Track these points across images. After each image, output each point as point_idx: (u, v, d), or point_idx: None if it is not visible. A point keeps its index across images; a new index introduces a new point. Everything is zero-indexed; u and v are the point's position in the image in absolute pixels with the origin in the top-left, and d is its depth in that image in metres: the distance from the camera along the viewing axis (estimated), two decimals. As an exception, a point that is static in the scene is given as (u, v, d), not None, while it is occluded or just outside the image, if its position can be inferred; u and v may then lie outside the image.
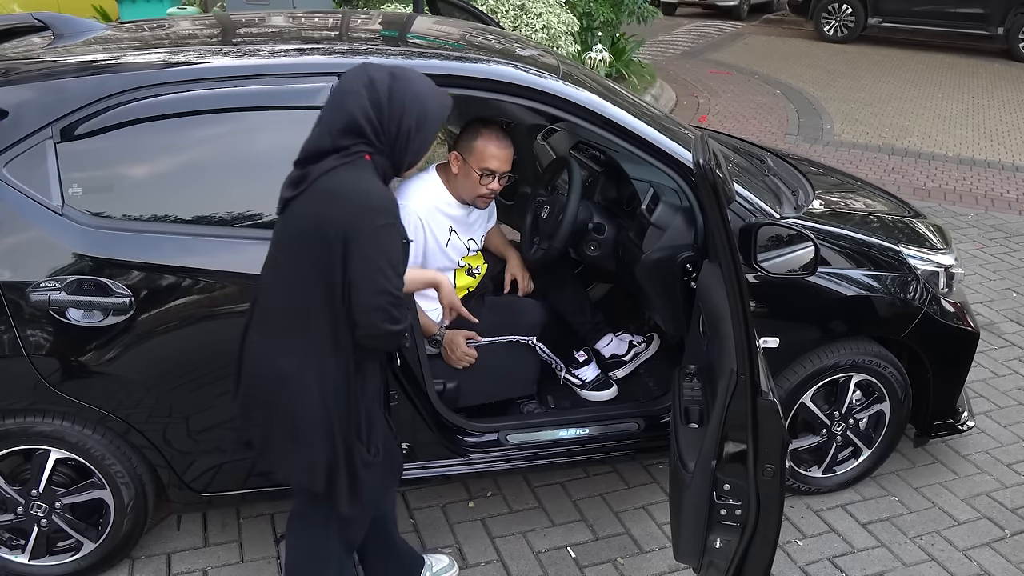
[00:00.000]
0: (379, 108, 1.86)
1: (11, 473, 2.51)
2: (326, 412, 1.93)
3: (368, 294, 1.84)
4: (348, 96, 1.88)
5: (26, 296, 2.24)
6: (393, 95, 1.87)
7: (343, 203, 1.85)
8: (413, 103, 1.89)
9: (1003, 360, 4.20)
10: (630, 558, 2.87)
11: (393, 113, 1.87)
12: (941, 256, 3.14)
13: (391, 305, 1.86)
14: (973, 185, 6.95)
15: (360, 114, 1.86)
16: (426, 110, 1.91)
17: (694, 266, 2.71)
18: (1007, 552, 2.95)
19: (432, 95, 1.94)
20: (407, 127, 1.89)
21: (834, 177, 3.82)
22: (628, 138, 2.66)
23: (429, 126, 1.93)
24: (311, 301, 1.89)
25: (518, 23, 6.76)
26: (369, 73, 1.90)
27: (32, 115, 2.26)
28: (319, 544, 2.18)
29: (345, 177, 1.86)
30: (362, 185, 1.87)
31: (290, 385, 1.93)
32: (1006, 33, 12.53)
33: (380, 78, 1.88)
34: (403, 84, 1.89)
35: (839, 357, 2.93)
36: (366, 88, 1.87)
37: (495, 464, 2.84)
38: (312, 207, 1.87)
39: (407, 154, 1.94)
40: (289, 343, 1.93)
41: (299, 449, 1.97)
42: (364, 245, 1.83)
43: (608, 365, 3.27)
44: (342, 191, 1.86)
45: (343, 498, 2.01)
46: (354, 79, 1.90)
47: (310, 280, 1.88)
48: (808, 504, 3.15)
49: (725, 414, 2.05)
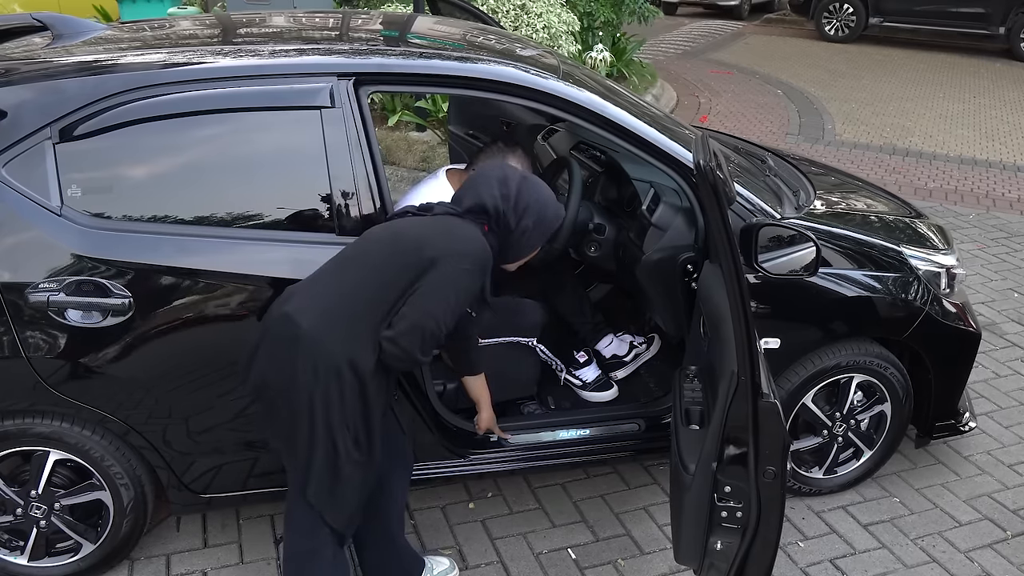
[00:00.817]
0: (507, 200, 2.19)
1: (10, 474, 2.51)
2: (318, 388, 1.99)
3: (421, 312, 2.02)
4: (482, 185, 2.22)
5: (25, 297, 2.24)
6: (521, 194, 2.21)
7: (451, 236, 2.12)
8: (536, 206, 2.22)
9: (1005, 361, 4.19)
10: (631, 559, 2.86)
11: (517, 209, 2.20)
12: (942, 256, 3.13)
13: (431, 334, 2.04)
14: (974, 185, 6.94)
15: (489, 202, 2.18)
16: (544, 216, 2.24)
17: (695, 267, 2.70)
18: (1009, 553, 2.94)
19: (551, 205, 2.28)
20: (525, 225, 2.21)
21: (835, 177, 3.82)
22: (629, 138, 2.66)
23: (542, 230, 2.26)
24: (366, 291, 2.04)
25: (519, 23, 6.76)
26: (505, 172, 2.24)
27: (31, 115, 2.25)
28: (310, 535, 2.20)
29: (463, 224, 2.17)
30: (472, 234, 2.15)
31: (300, 347, 2.00)
32: (1007, 33, 12.52)
33: (513, 177, 2.23)
34: (532, 187, 2.24)
35: (840, 358, 2.92)
36: (499, 183, 2.21)
37: (495, 465, 2.83)
38: (424, 228, 2.15)
39: (516, 247, 2.25)
40: (322, 314, 2.02)
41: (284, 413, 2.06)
42: (443, 273, 2.04)
43: (609, 366, 3.27)
44: (456, 231, 2.14)
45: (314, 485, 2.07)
46: (491, 173, 2.25)
47: (378, 273, 2.05)
48: (809, 505, 3.14)
49: (726, 416, 2.04)
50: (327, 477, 2.07)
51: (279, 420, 2.09)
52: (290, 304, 2.06)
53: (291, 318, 2.02)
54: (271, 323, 2.09)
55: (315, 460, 2.05)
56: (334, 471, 2.06)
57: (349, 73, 2.43)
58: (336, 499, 2.11)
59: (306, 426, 2.03)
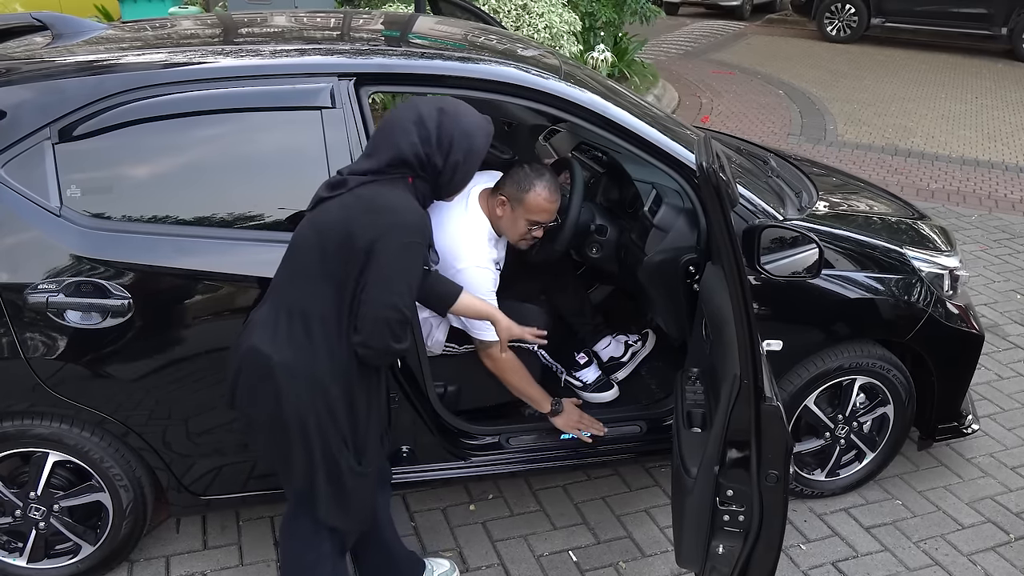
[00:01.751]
0: (427, 144, 1.98)
1: (9, 476, 2.50)
2: (308, 415, 1.95)
3: (379, 306, 1.90)
4: (398, 132, 1.98)
5: (24, 298, 2.23)
6: (441, 131, 1.99)
7: (377, 213, 1.92)
8: (461, 139, 2.00)
9: (1008, 363, 4.18)
10: (632, 562, 2.85)
11: (441, 148, 1.99)
12: (945, 258, 3.12)
13: (398, 322, 1.91)
14: (977, 186, 6.93)
15: (409, 150, 1.97)
16: (472, 145, 2.03)
17: (697, 268, 2.69)
18: (1012, 556, 2.93)
19: (477, 127, 2.05)
20: (454, 161, 2.01)
21: (837, 178, 3.81)
22: (630, 139, 2.65)
23: (474, 158, 2.05)
24: (320, 302, 1.93)
25: (520, 23, 6.75)
26: (419, 110, 2.00)
27: (30, 115, 2.24)
28: (311, 546, 2.18)
29: (384, 190, 1.95)
30: (399, 201, 1.95)
31: (280, 376, 1.94)
32: (1009, 33, 12.49)
33: (428, 114, 1.99)
34: (451, 120, 2.00)
35: (843, 360, 2.91)
36: (415, 125, 1.98)
37: (496, 467, 2.82)
38: (346, 211, 1.94)
39: (452, 184, 2.06)
40: (285, 332, 1.95)
41: (279, 442, 2.01)
42: (387, 258, 1.89)
43: (608, 368, 3.26)
44: (378, 202, 1.93)
45: (323, 506, 2.04)
46: (404, 115, 2.00)
47: (324, 281, 1.92)
48: (811, 508, 3.13)
49: (728, 419, 2.03)
50: (335, 495, 2.04)
51: (274, 448, 2.04)
52: (255, 335, 1.99)
53: (259, 351, 1.96)
54: (242, 359, 2.01)
55: (318, 483, 2.02)
56: (339, 489, 2.03)
57: (350, 73, 2.42)
58: (348, 511, 2.09)
59: (302, 452, 1.99)
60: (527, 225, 2.68)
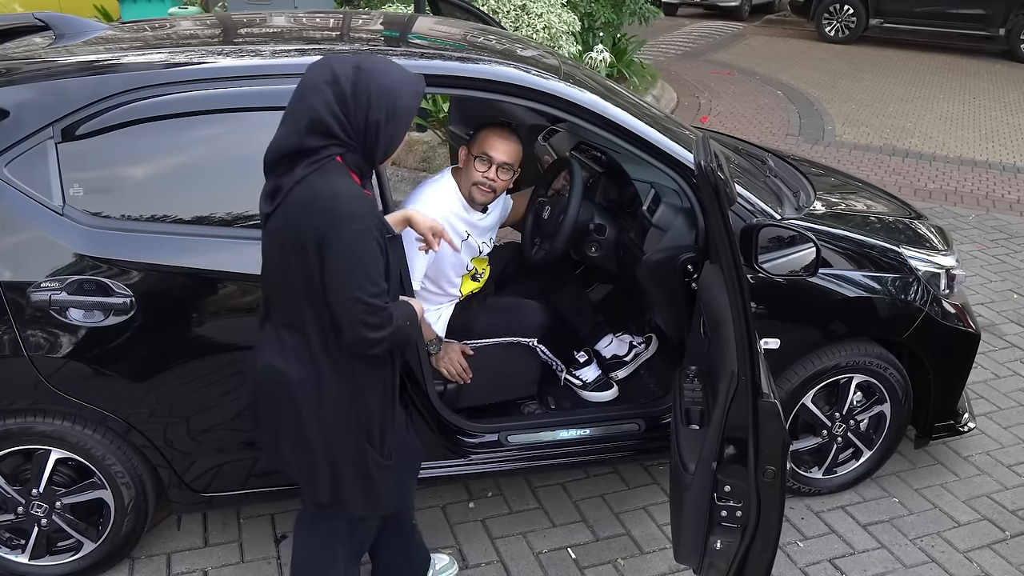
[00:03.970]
0: (344, 104, 1.80)
1: (12, 473, 2.51)
2: (328, 419, 1.95)
3: (342, 302, 1.82)
4: (311, 93, 1.81)
5: (27, 296, 2.25)
6: (358, 89, 1.80)
7: (316, 211, 1.80)
8: (380, 96, 1.81)
9: (1004, 361, 4.20)
10: (630, 559, 2.87)
11: (359, 108, 1.80)
12: (942, 257, 3.14)
13: (366, 313, 1.82)
14: (974, 186, 6.95)
15: (325, 111, 1.79)
16: (395, 101, 1.83)
17: (695, 267, 2.71)
18: (1008, 554, 2.94)
19: (400, 84, 1.85)
20: (375, 120, 1.82)
21: (835, 178, 3.82)
22: (629, 139, 2.66)
23: (400, 116, 1.85)
24: (302, 308, 1.89)
25: (519, 23, 6.76)
26: (332, 67, 1.82)
27: (33, 115, 2.26)
28: (327, 549, 2.19)
29: (317, 184, 1.81)
30: (333, 190, 1.81)
31: (293, 390, 1.93)
32: (1007, 34, 12.53)
33: (344, 72, 1.81)
34: (368, 76, 1.81)
35: (840, 358, 2.93)
36: (329, 84, 1.80)
37: (496, 465, 2.84)
38: (289, 219, 1.84)
39: (379, 147, 1.86)
40: (291, 348, 1.94)
41: (303, 456, 1.99)
42: (336, 252, 1.80)
43: (609, 366, 3.27)
44: (314, 199, 1.81)
45: (356, 502, 2.04)
46: (317, 74, 1.82)
47: (297, 288, 1.88)
48: (808, 505, 3.14)
49: (726, 415, 2.05)
50: (363, 489, 2.04)
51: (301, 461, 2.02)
52: (268, 354, 1.97)
53: (275, 368, 1.94)
54: (259, 379, 2.00)
55: (345, 484, 2.01)
56: (368, 483, 2.03)
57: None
58: (377, 501, 2.09)
59: (326, 464, 1.98)
60: (481, 164, 2.78)
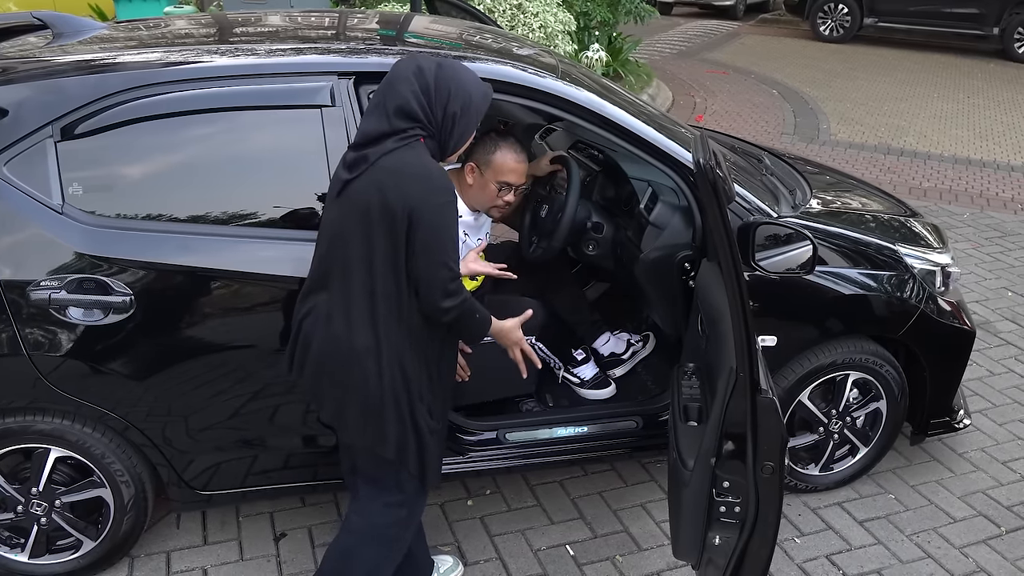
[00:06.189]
0: (427, 93, 2.01)
1: (11, 471, 2.51)
2: (395, 384, 2.06)
3: (430, 267, 2.00)
4: (399, 82, 2.02)
5: (26, 295, 2.25)
6: (439, 82, 2.02)
7: (408, 180, 1.97)
8: (458, 90, 2.04)
9: (999, 358, 4.22)
10: (628, 556, 2.88)
11: (440, 98, 2.02)
12: (937, 255, 3.16)
13: (449, 279, 2.01)
14: (969, 184, 6.98)
15: (412, 97, 1.99)
16: (470, 97, 2.06)
17: (692, 265, 2.72)
18: (1003, 549, 2.96)
19: (475, 84, 2.09)
20: (452, 112, 2.03)
21: (831, 176, 3.84)
22: (627, 137, 2.67)
23: (472, 112, 2.07)
24: (380, 278, 2.00)
25: (515, 22, 6.77)
26: (418, 62, 2.04)
27: (32, 114, 2.26)
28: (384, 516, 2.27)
29: (406, 157, 1.99)
30: (423, 164, 2.00)
31: (365, 360, 2.04)
32: (1001, 33, 12.57)
33: (428, 66, 2.03)
34: (449, 72, 2.04)
35: (836, 355, 2.94)
36: (415, 75, 2.01)
37: (494, 462, 2.84)
38: (377, 186, 1.98)
39: (452, 138, 2.07)
40: (361, 319, 2.03)
41: (370, 419, 2.10)
42: (428, 220, 1.97)
43: (607, 364, 3.28)
44: (406, 169, 1.98)
45: (415, 464, 2.16)
46: (404, 67, 2.04)
47: (378, 257, 1.99)
48: (805, 502, 3.16)
49: (724, 412, 2.06)
50: (418, 453, 2.15)
51: (368, 427, 2.12)
52: (328, 326, 2.06)
53: (339, 339, 2.05)
54: (322, 351, 2.08)
55: (409, 447, 2.13)
56: (423, 447, 2.15)
57: (350, 72, 2.44)
58: (429, 467, 2.20)
59: (396, 424, 2.09)
60: (496, 187, 2.74)
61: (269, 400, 2.51)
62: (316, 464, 2.70)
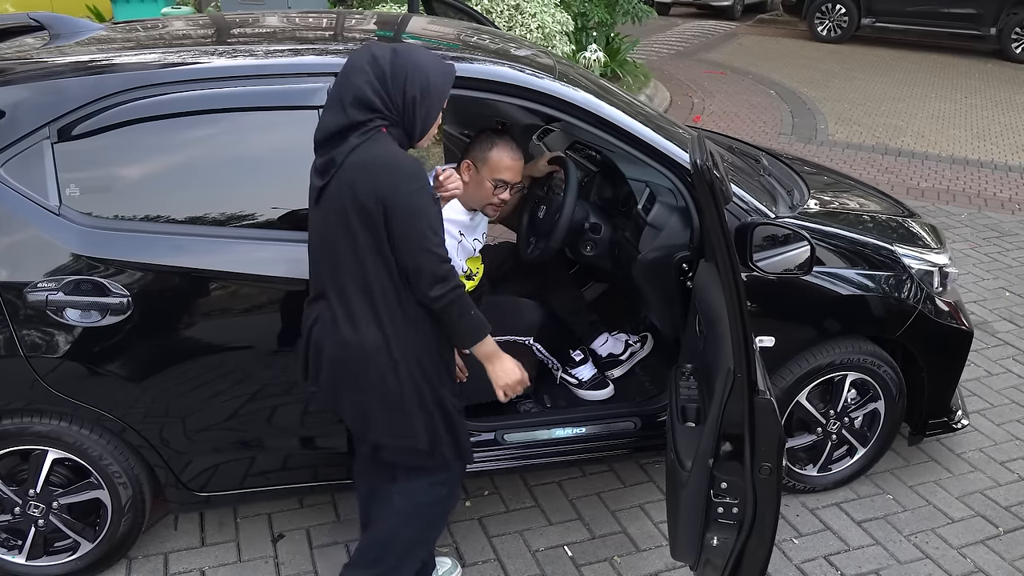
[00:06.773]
0: (383, 80, 1.98)
1: (8, 473, 2.51)
2: (412, 375, 2.08)
3: (413, 255, 1.99)
4: (354, 73, 2.00)
5: (23, 296, 2.25)
6: (395, 68, 2.00)
7: (376, 173, 1.96)
8: (415, 73, 2.01)
9: (997, 359, 4.23)
10: (627, 556, 2.88)
11: (397, 84, 1.99)
12: (935, 255, 3.16)
13: (435, 263, 2.00)
14: (966, 185, 6.99)
15: (367, 87, 1.97)
16: (428, 79, 2.02)
17: (690, 265, 2.72)
18: (1001, 549, 2.96)
19: (433, 65, 2.06)
20: (411, 96, 2.00)
21: (828, 177, 3.84)
22: (624, 138, 2.67)
23: (433, 93, 2.04)
24: (373, 274, 2.01)
25: (513, 23, 6.77)
26: (372, 51, 2.02)
27: (29, 115, 2.26)
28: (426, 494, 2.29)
29: (372, 150, 1.98)
30: (390, 154, 1.99)
31: (377, 357, 2.06)
32: (998, 33, 12.60)
33: (382, 54, 2.01)
34: (404, 57, 2.02)
35: (834, 356, 2.94)
36: (370, 64, 1.99)
37: (492, 463, 2.84)
38: (346, 183, 1.98)
39: (416, 122, 2.05)
40: (365, 318, 2.04)
41: (395, 415, 2.11)
42: (403, 209, 1.96)
43: (605, 364, 3.28)
44: (373, 162, 1.97)
45: (448, 447, 2.18)
46: (359, 57, 2.02)
47: (366, 254, 2.00)
48: (803, 502, 3.16)
49: (722, 412, 2.06)
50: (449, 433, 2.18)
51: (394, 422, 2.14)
52: (335, 330, 2.07)
53: (348, 342, 2.06)
54: (333, 356, 2.09)
55: (439, 432, 2.15)
56: (452, 428, 2.18)
57: (347, 73, 2.43)
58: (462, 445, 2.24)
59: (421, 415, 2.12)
60: (492, 185, 2.76)
61: (267, 401, 2.51)
62: (314, 465, 2.70)
